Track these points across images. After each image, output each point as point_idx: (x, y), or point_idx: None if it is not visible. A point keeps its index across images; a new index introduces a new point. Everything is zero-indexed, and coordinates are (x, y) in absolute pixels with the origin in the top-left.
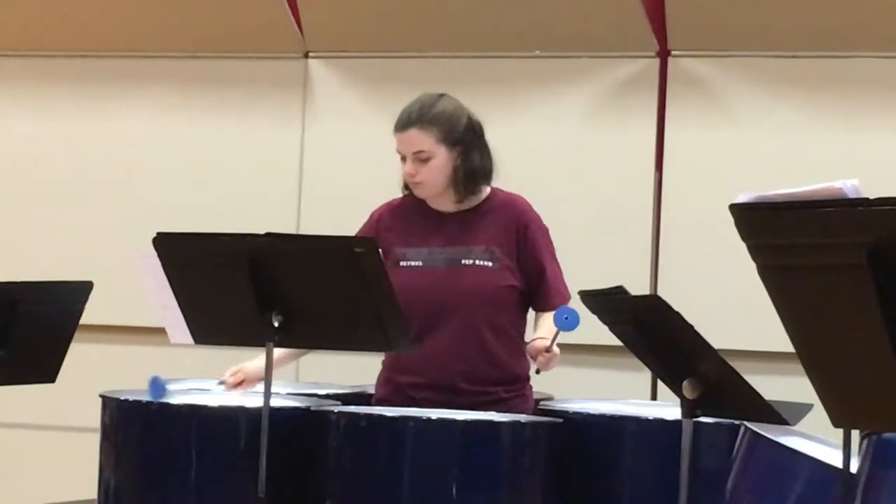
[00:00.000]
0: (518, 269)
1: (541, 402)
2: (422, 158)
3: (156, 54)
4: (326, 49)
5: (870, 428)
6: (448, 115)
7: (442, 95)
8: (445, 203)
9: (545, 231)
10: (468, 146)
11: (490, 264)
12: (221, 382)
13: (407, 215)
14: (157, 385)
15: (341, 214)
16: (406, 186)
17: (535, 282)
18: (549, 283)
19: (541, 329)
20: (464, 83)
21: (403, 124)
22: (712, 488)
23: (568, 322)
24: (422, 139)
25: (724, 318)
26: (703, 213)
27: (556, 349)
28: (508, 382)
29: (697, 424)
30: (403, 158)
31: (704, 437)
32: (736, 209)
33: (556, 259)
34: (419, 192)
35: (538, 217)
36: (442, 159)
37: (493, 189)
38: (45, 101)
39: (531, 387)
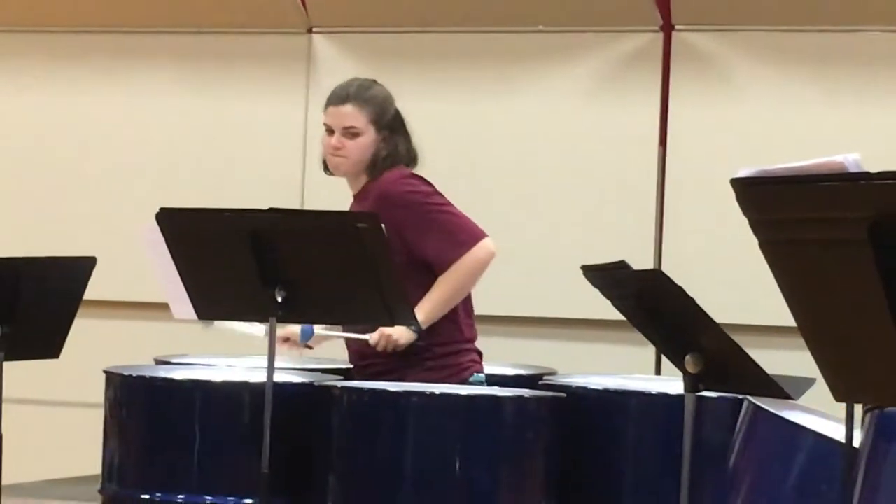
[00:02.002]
0: (393, 246)
1: (544, 377)
2: (351, 133)
3: (159, 30)
4: (330, 24)
5: (871, 402)
6: (381, 99)
7: (375, 81)
8: (356, 185)
9: (409, 203)
10: (393, 132)
11: None
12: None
13: None
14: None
15: (345, 189)
16: (326, 166)
17: (419, 253)
18: (428, 253)
19: (427, 295)
20: (467, 58)
21: (341, 99)
22: (715, 462)
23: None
24: (356, 116)
25: (726, 292)
26: (707, 187)
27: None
28: (390, 354)
29: (700, 399)
30: (330, 132)
31: (707, 412)
32: (737, 183)
33: (439, 221)
34: (336, 165)
35: (400, 191)
36: (369, 138)
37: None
38: (48, 77)
39: (457, 362)
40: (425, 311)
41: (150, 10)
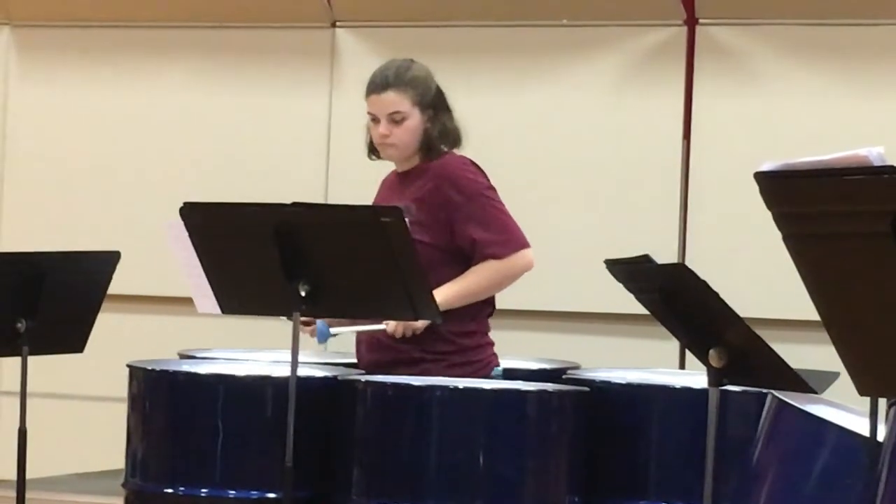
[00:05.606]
0: (440, 227)
1: (568, 372)
2: (396, 119)
3: (183, 24)
4: (354, 19)
5: (895, 396)
6: (422, 79)
7: (413, 61)
8: (405, 164)
9: (467, 188)
10: (438, 110)
11: None
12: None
13: (389, 178)
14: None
15: (369, 183)
16: (371, 151)
17: (461, 239)
18: (473, 238)
19: (451, 282)
20: (491, 52)
21: (382, 86)
22: (739, 456)
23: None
24: (399, 101)
25: (750, 286)
26: (731, 181)
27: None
28: (423, 342)
29: (724, 393)
30: (375, 120)
31: (731, 406)
32: (761, 177)
33: (493, 215)
34: (389, 154)
35: (462, 175)
36: (416, 121)
37: (446, 153)
38: (73, 72)
39: (480, 358)
40: (450, 293)
41: (173, 4)
